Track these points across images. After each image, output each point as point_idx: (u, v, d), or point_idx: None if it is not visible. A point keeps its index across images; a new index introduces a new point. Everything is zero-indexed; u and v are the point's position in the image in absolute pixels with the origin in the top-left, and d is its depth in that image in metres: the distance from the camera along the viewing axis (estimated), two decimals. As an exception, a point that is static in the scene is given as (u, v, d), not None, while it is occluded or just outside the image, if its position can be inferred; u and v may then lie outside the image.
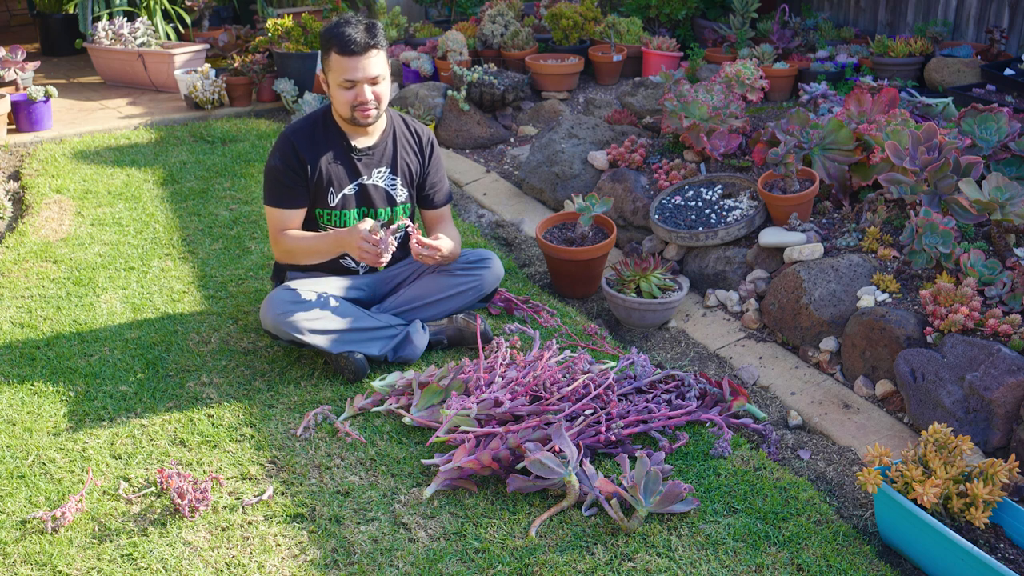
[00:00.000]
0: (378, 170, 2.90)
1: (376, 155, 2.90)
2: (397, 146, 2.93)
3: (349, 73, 2.69)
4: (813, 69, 4.98)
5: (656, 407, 2.56)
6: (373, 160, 2.90)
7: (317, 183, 2.83)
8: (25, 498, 2.29)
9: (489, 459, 2.28)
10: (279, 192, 2.82)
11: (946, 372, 2.48)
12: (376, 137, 2.90)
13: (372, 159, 2.89)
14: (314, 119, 2.87)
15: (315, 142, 2.82)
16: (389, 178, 2.92)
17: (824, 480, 2.41)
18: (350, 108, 2.74)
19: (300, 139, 2.81)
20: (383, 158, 2.91)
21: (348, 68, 2.68)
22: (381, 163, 2.91)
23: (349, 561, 2.08)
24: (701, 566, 2.04)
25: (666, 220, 3.55)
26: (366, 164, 2.89)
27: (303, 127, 2.85)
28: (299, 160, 2.79)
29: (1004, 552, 2.02)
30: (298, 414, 2.63)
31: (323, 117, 2.87)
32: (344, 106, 2.75)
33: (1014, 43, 4.84)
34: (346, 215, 2.90)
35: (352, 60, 2.67)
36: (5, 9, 9.04)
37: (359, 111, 2.75)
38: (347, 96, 2.73)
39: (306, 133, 2.83)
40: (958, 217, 2.90)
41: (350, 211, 2.90)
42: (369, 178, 2.89)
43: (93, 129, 5.45)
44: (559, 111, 5.27)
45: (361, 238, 2.66)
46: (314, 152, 2.81)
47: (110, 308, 3.27)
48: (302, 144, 2.80)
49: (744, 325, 3.20)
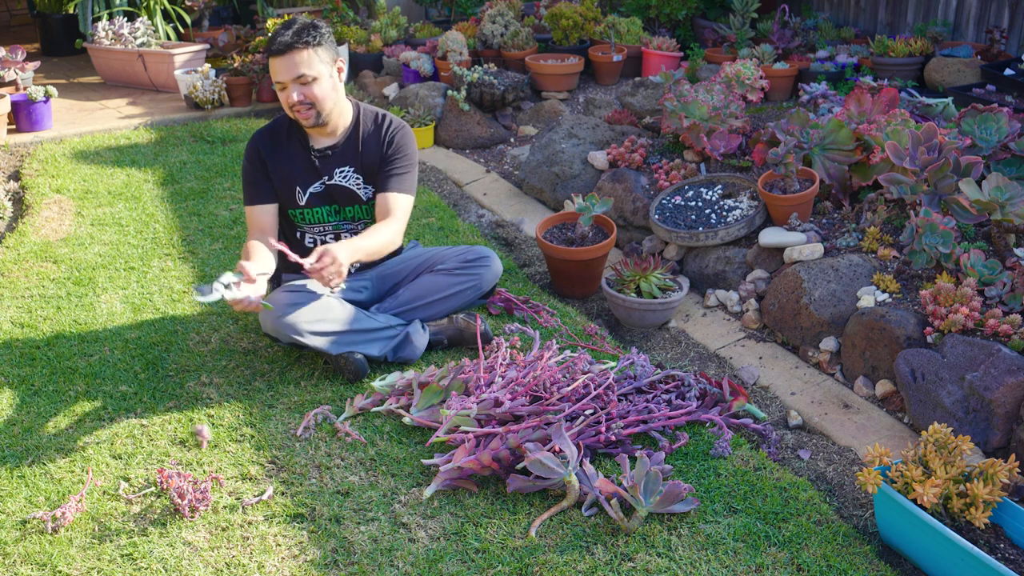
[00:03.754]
0: (340, 169, 2.90)
1: (337, 154, 2.89)
2: (360, 143, 2.90)
3: (275, 74, 2.71)
4: (813, 69, 4.98)
5: (656, 407, 2.56)
6: (333, 160, 2.89)
7: (280, 183, 2.87)
8: (25, 498, 2.29)
9: (489, 459, 2.28)
10: (248, 191, 2.89)
11: (946, 372, 2.48)
12: (336, 137, 2.89)
13: (332, 159, 2.89)
14: (281, 120, 2.91)
15: (277, 143, 2.87)
16: (353, 176, 2.92)
17: (824, 480, 2.41)
18: (289, 109, 2.76)
19: (263, 140, 2.88)
20: (345, 157, 2.90)
21: (275, 69, 2.70)
22: (343, 162, 2.90)
23: (349, 561, 2.08)
24: (701, 566, 2.04)
25: (666, 220, 3.55)
26: (325, 164, 2.88)
27: (268, 129, 2.91)
28: (260, 160, 2.85)
29: (1004, 552, 2.02)
30: (298, 414, 2.63)
31: (288, 118, 2.89)
32: (285, 108, 2.78)
33: (1014, 43, 4.84)
34: (316, 213, 2.93)
35: (276, 61, 2.68)
36: (5, 9, 9.04)
37: (295, 112, 2.75)
38: (282, 98, 2.74)
39: (270, 135, 2.89)
40: (958, 217, 2.90)
41: (318, 209, 2.92)
42: (331, 178, 2.90)
43: (93, 129, 5.45)
44: (559, 111, 5.27)
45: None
46: (274, 152, 2.86)
47: (110, 308, 3.27)
48: (264, 145, 2.87)
49: (744, 325, 3.20)
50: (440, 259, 3.05)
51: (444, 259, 3.04)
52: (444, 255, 3.06)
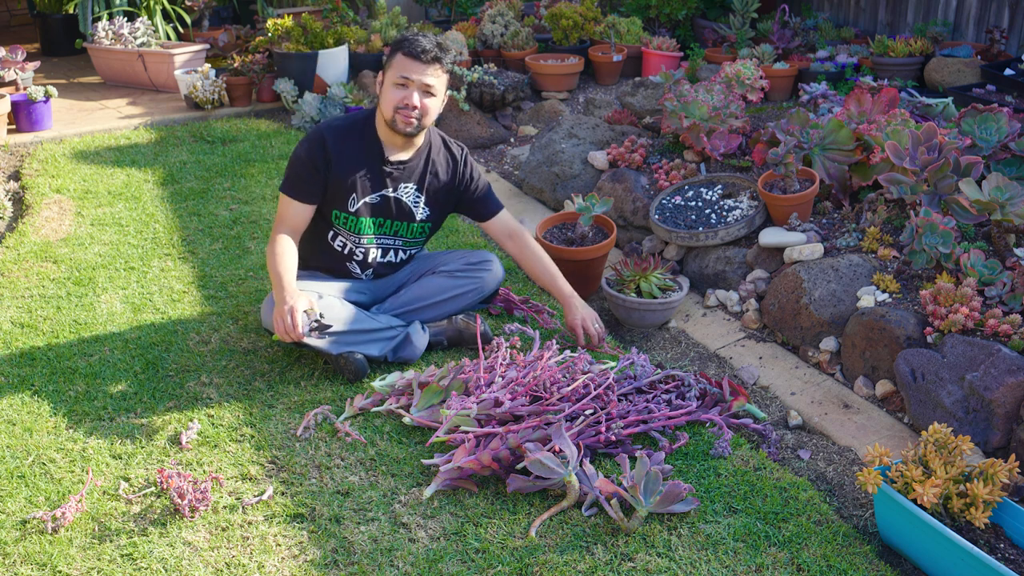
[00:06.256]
0: (405, 185, 2.89)
1: (407, 170, 2.88)
2: (429, 165, 2.91)
3: (407, 71, 2.69)
4: (813, 69, 4.99)
5: (656, 407, 2.56)
6: (403, 175, 2.87)
7: (337, 184, 2.79)
8: (25, 498, 2.29)
9: (489, 459, 2.28)
10: (295, 182, 2.80)
11: (946, 372, 2.48)
12: (411, 152, 2.88)
13: (403, 173, 2.87)
14: (354, 120, 2.85)
15: (348, 142, 2.80)
16: (415, 195, 2.91)
17: (824, 480, 2.41)
18: (394, 108, 2.72)
19: (333, 135, 2.78)
20: (413, 174, 2.89)
21: (408, 68, 2.69)
22: (411, 179, 2.89)
23: (349, 561, 2.08)
24: (701, 566, 2.04)
25: (666, 220, 3.55)
26: (395, 178, 2.86)
27: (340, 124, 2.83)
28: (325, 155, 2.76)
29: (1004, 552, 2.02)
30: (298, 414, 2.63)
31: (364, 121, 2.84)
32: (390, 105, 2.72)
33: (1014, 43, 4.84)
34: (361, 222, 2.87)
35: (415, 63, 2.69)
36: (5, 9, 9.04)
37: (402, 113, 2.72)
38: (397, 95, 2.71)
39: (342, 131, 2.81)
40: (958, 217, 2.90)
41: (365, 219, 2.87)
42: (395, 191, 2.87)
43: (93, 129, 5.45)
44: (559, 111, 5.27)
45: (289, 309, 2.58)
46: (344, 152, 2.78)
47: (110, 308, 3.27)
48: (333, 140, 2.78)
49: (744, 325, 3.20)
50: (443, 261, 3.05)
51: (447, 261, 3.05)
52: (447, 257, 3.08)
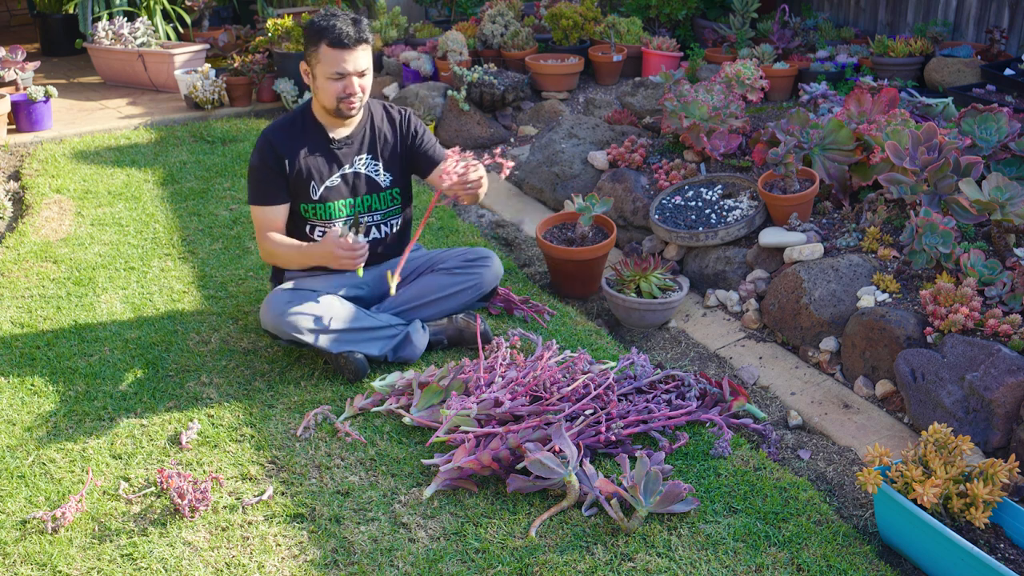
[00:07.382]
0: (359, 157, 2.94)
1: (355, 143, 2.94)
2: (375, 131, 2.97)
3: (339, 66, 2.73)
4: (813, 69, 4.98)
5: (656, 407, 2.56)
6: (353, 148, 2.93)
7: (296, 178, 2.86)
8: (25, 498, 2.29)
9: (489, 459, 2.28)
10: (259, 190, 2.87)
11: (946, 372, 2.48)
12: (353, 126, 2.94)
13: (352, 147, 2.93)
14: (293, 116, 2.92)
15: (293, 137, 2.87)
16: (371, 163, 2.96)
17: (824, 480, 2.41)
18: (336, 100, 2.78)
19: (277, 136, 2.86)
20: (363, 145, 2.95)
21: (339, 60, 2.73)
22: (361, 150, 2.95)
23: (349, 561, 2.08)
24: (701, 566, 2.04)
25: (666, 220, 3.55)
26: (346, 153, 2.92)
27: (281, 124, 2.91)
28: (276, 157, 2.83)
29: (1004, 552, 2.02)
30: (298, 414, 2.63)
31: (302, 113, 2.91)
32: (330, 98, 2.78)
33: (1014, 43, 4.84)
34: (330, 207, 2.92)
35: (343, 53, 2.72)
36: (5, 9, 9.04)
37: (345, 103, 2.79)
38: (336, 88, 2.76)
39: (284, 128, 2.89)
40: (958, 217, 2.90)
41: (334, 203, 2.92)
42: (351, 166, 2.92)
43: (93, 129, 5.45)
44: (559, 111, 5.27)
45: (336, 245, 2.70)
46: (291, 147, 2.85)
47: (110, 308, 3.27)
48: (279, 141, 2.85)
49: (744, 325, 3.20)
50: (441, 259, 3.06)
51: (445, 259, 3.06)
52: (445, 255, 3.08)
